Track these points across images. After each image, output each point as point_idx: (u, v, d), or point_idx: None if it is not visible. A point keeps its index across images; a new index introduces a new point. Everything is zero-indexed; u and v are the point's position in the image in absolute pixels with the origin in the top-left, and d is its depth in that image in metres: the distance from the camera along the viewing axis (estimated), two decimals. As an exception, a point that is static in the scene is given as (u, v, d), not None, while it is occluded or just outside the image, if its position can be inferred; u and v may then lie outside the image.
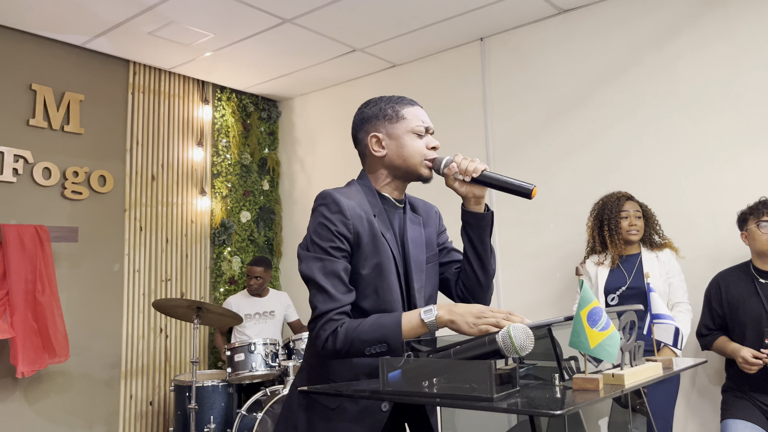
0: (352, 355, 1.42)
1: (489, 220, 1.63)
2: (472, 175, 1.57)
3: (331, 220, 1.51)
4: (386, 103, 1.68)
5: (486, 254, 1.64)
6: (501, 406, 1.01)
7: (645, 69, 3.60)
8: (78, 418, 4.06)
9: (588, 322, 1.14)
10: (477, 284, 1.66)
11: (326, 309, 1.44)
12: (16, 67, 3.97)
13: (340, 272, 1.48)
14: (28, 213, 3.93)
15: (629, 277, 3.10)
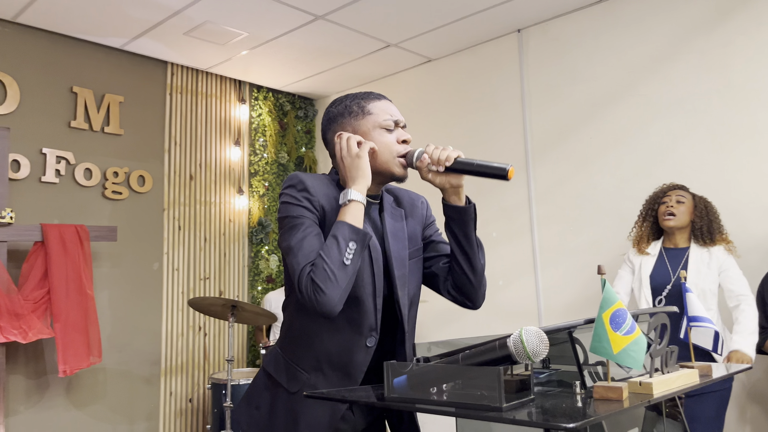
0: (341, 278, 1.37)
1: (471, 214, 1.55)
2: (445, 164, 1.49)
3: (296, 197, 1.49)
4: (351, 100, 1.61)
5: (472, 250, 1.56)
6: (510, 416, 0.93)
7: (693, 56, 3.42)
8: (120, 414, 4.12)
9: (611, 325, 1.04)
10: (467, 282, 1.58)
11: (302, 264, 1.40)
12: (58, 70, 4.05)
13: (312, 234, 1.45)
14: (70, 213, 4.01)
15: (674, 274, 2.91)
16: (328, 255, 1.38)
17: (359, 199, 1.46)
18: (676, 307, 1.33)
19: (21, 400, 3.70)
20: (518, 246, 4.06)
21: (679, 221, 2.92)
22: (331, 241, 1.41)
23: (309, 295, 1.36)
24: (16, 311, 3.36)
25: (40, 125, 3.94)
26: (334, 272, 1.37)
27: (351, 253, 1.40)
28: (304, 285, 1.37)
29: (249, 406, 1.59)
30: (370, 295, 1.50)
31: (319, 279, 1.36)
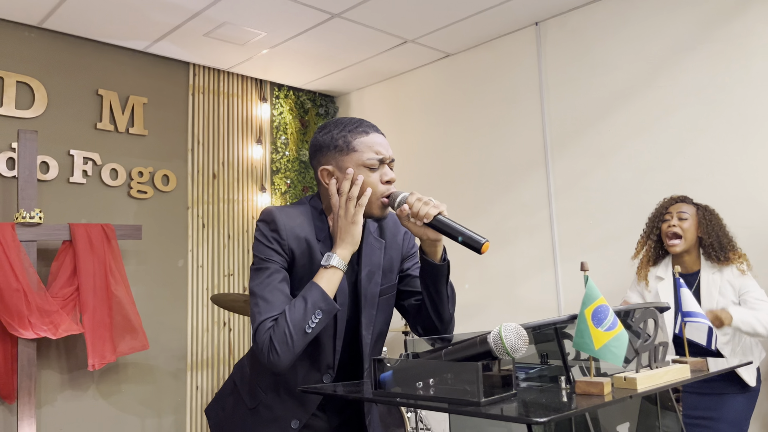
0: (298, 344, 1.38)
1: (444, 271, 1.53)
2: (423, 220, 1.46)
3: (267, 236, 1.50)
4: (339, 131, 1.56)
5: (442, 303, 1.55)
6: (488, 411, 0.95)
7: (713, 46, 3.35)
8: (148, 408, 4.24)
9: (593, 321, 1.05)
10: (433, 328, 1.58)
11: (263, 317, 1.41)
12: (84, 73, 4.17)
13: (277, 281, 1.46)
14: (97, 212, 4.13)
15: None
16: (292, 318, 1.38)
17: (340, 267, 1.45)
18: (667, 302, 1.33)
19: (54, 394, 3.84)
20: (538, 240, 4.04)
21: (686, 243, 2.76)
22: (299, 302, 1.40)
23: (263, 351, 1.38)
24: (45, 308, 3.48)
25: (67, 127, 4.06)
26: (293, 338, 1.37)
27: (315, 322, 1.40)
28: (261, 340, 1.38)
29: (217, 405, 1.66)
30: (331, 337, 1.52)
31: (277, 341, 1.37)
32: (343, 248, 1.46)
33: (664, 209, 2.89)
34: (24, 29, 3.94)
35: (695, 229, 2.78)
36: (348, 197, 1.48)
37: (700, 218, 2.79)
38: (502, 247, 4.20)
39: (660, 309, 1.33)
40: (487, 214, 4.31)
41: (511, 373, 1.06)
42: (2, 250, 3.41)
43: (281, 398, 1.53)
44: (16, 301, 3.38)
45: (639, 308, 1.20)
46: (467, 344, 1.08)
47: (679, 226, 2.76)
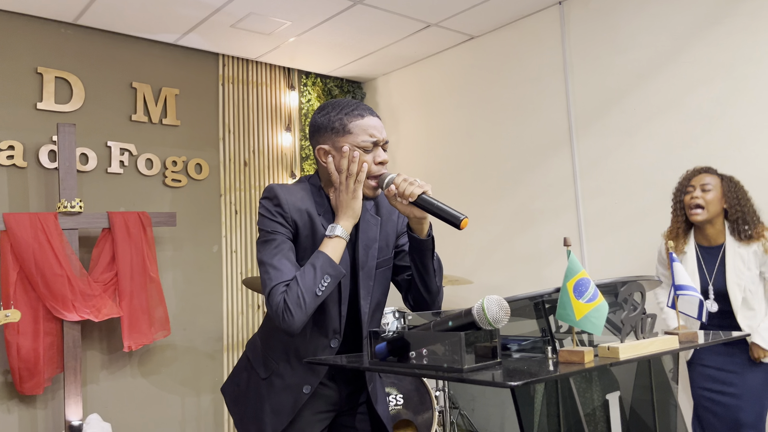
0: (310, 306, 1.48)
1: (429, 246, 1.62)
2: (408, 199, 1.56)
3: (270, 211, 1.59)
4: (336, 113, 1.65)
5: (428, 276, 1.64)
6: (470, 377, 1.01)
7: (738, 20, 3.29)
8: (187, 387, 4.42)
9: (574, 293, 1.11)
10: (422, 300, 1.67)
11: (275, 282, 1.50)
12: (118, 67, 4.33)
13: (285, 250, 1.55)
14: (134, 201, 4.30)
15: (711, 276, 2.71)
16: (303, 281, 1.49)
17: (344, 236, 1.56)
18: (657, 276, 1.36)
19: (97, 373, 4.05)
20: (564, 220, 4.05)
21: (709, 213, 2.72)
22: (308, 268, 1.51)
23: (277, 313, 1.48)
24: (87, 292, 3.66)
25: (104, 120, 4.23)
26: (306, 300, 1.48)
27: (324, 286, 1.50)
28: (276, 303, 1.49)
29: (232, 382, 1.77)
30: (336, 302, 1.62)
31: (291, 303, 1.47)
32: (345, 220, 1.57)
33: (687, 181, 2.86)
34: (60, 26, 4.11)
35: (719, 200, 2.74)
36: (348, 174, 1.58)
37: (724, 189, 2.75)
38: (528, 228, 4.22)
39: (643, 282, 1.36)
40: (513, 196, 4.33)
41: (495, 344, 1.13)
42: (46, 239, 3.60)
43: (292, 366, 1.62)
44: (60, 286, 3.58)
45: (626, 281, 1.24)
46: (454, 316, 1.15)
47: (702, 197, 2.73)
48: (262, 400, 1.62)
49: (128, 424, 4.13)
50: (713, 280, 2.70)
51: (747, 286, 2.63)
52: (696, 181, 2.81)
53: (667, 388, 1.38)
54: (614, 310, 1.32)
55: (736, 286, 2.62)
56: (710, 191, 2.74)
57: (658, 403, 1.38)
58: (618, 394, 1.28)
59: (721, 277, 2.67)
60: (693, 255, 2.77)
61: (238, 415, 1.70)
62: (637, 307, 1.21)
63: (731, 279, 2.63)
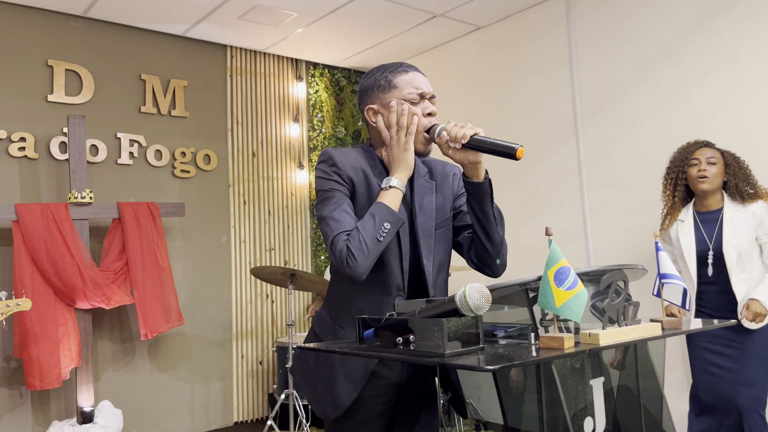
0: (372, 251, 1.51)
1: (486, 189, 1.61)
2: (461, 141, 1.56)
3: (326, 171, 1.63)
4: (381, 73, 1.69)
5: (489, 223, 1.63)
6: (451, 361, 1.04)
7: (742, 10, 3.27)
8: (197, 375, 4.50)
9: (555, 281, 1.13)
10: (485, 252, 1.66)
11: (337, 232, 1.54)
12: (127, 59, 4.38)
13: (343, 205, 1.59)
14: (144, 192, 4.37)
15: (710, 240, 2.82)
16: (364, 229, 1.52)
17: (399, 187, 1.59)
18: (641, 265, 1.38)
19: (108, 363, 4.13)
20: (569, 210, 4.05)
21: (713, 183, 2.85)
22: (368, 217, 1.54)
23: (342, 260, 1.51)
24: (97, 281, 3.73)
25: (113, 112, 4.29)
26: (368, 244, 1.51)
27: (385, 232, 1.53)
28: (339, 249, 1.52)
29: (301, 361, 1.77)
30: (396, 257, 1.63)
31: (354, 248, 1.50)
32: (399, 172, 1.60)
33: (689, 154, 2.94)
34: (70, 19, 4.17)
35: (721, 173, 2.87)
36: (398, 127, 1.61)
37: (727, 161, 2.88)
38: (533, 218, 4.24)
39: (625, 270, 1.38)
40: (518, 185, 4.34)
41: (479, 331, 1.16)
42: (57, 229, 3.67)
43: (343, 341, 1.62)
44: (71, 275, 3.65)
45: (608, 269, 1.26)
46: (437, 304, 1.18)
47: (708, 170, 2.85)
48: (333, 370, 1.62)
49: (139, 411, 4.22)
50: (713, 243, 2.82)
51: (742, 246, 2.74)
52: (700, 154, 2.90)
53: (653, 377, 1.40)
54: (601, 298, 1.35)
55: (731, 247, 2.74)
56: (715, 164, 2.86)
57: (643, 390, 1.40)
58: (602, 380, 1.31)
59: (719, 239, 2.80)
60: (691, 222, 2.90)
61: (311, 391, 1.70)
62: (620, 294, 1.23)
63: (727, 240, 2.75)
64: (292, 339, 4.05)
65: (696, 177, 2.87)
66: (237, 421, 4.66)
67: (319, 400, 1.65)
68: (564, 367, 1.25)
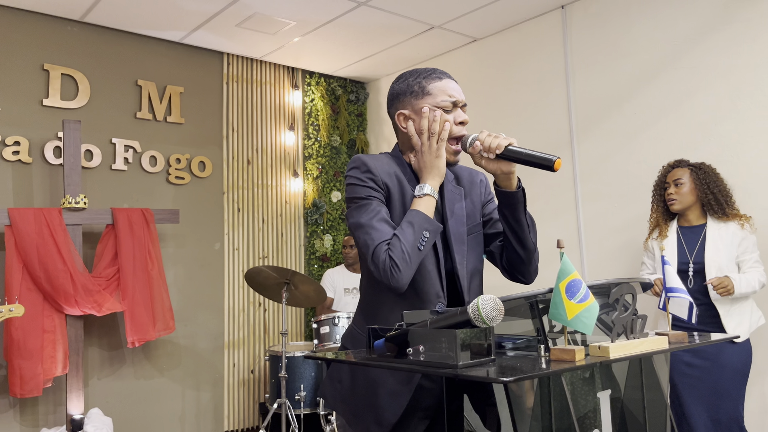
0: (414, 260, 1.49)
1: (520, 198, 1.60)
2: (495, 152, 1.55)
3: (361, 178, 1.60)
4: (414, 78, 1.67)
5: (522, 231, 1.62)
6: (464, 373, 1.05)
7: (737, 27, 3.32)
8: (187, 383, 4.46)
9: (566, 293, 1.14)
10: (518, 259, 1.66)
11: (378, 241, 1.51)
12: (124, 65, 4.37)
13: (381, 212, 1.56)
14: (137, 198, 4.34)
15: (691, 253, 2.93)
16: (405, 238, 1.50)
17: (433, 194, 1.57)
18: (649, 279, 1.40)
19: (97, 370, 4.09)
20: (563, 222, 4.08)
21: (683, 203, 2.99)
22: (407, 225, 1.52)
23: (385, 270, 1.48)
24: (89, 288, 3.70)
25: (109, 117, 4.27)
26: (410, 254, 1.49)
27: (425, 240, 1.51)
28: (382, 260, 1.49)
29: (332, 381, 1.69)
30: (434, 264, 1.60)
31: (397, 258, 1.48)
32: (432, 179, 1.58)
33: (663, 177, 3.11)
34: (67, 24, 4.15)
35: (691, 191, 3.00)
36: (430, 133, 1.59)
37: (694, 180, 3.00)
38: (527, 229, 4.25)
39: (643, 286, 1.40)
40: (513, 198, 4.36)
41: (490, 342, 1.16)
42: (50, 234, 3.64)
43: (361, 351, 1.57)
44: (62, 281, 3.62)
45: (618, 282, 1.27)
46: (450, 314, 1.19)
47: (676, 192, 3.00)
48: (374, 387, 1.56)
49: (129, 418, 4.17)
50: (694, 257, 2.92)
51: (722, 263, 2.85)
52: (670, 177, 3.06)
53: (658, 388, 1.41)
54: (607, 311, 1.36)
55: (712, 263, 2.85)
56: (682, 185, 3.00)
57: (648, 402, 1.41)
58: (609, 392, 1.32)
59: (701, 253, 2.91)
60: (674, 236, 3.02)
61: (349, 411, 1.63)
62: (628, 308, 1.24)
63: (709, 256, 2.87)
64: (285, 348, 4.03)
65: (666, 199, 3.05)
66: (228, 430, 4.62)
67: (360, 419, 1.58)
68: (572, 379, 1.25)
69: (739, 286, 2.76)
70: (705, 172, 2.99)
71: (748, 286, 2.78)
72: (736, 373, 2.76)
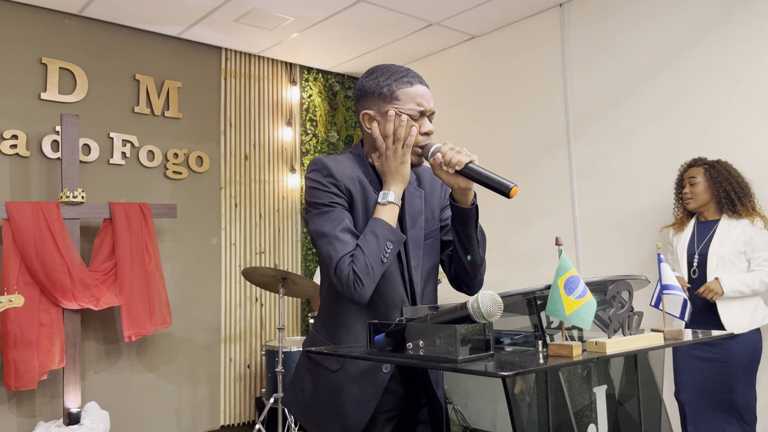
0: (377, 273, 1.47)
1: (473, 215, 1.59)
2: (455, 167, 1.51)
3: (323, 183, 1.56)
4: (385, 79, 1.61)
5: (471, 246, 1.61)
6: (464, 367, 1.06)
7: (734, 27, 3.34)
8: (184, 377, 4.48)
9: (565, 289, 1.16)
10: (464, 272, 1.65)
11: (341, 254, 1.48)
12: (122, 59, 4.36)
13: (344, 221, 1.53)
14: (135, 192, 4.35)
15: (698, 246, 3.02)
16: (368, 250, 1.47)
17: (397, 202, 1.55)
18: (644, 276, 1.42)
19: (94, 363, 4.09)
20: (559, 220, 4.10)
21: (697, 201, 3.07)
22: (370, 236, 1.49)
23: (348, 284, 1.46)
24: (86, 282, 3.71)
25: (107, 111, 4.27)
26: (373, 268, 1.46)
27: (388, 252, 1.49)
28: (345, 274, 1.46)
29: (294, 389, 1.66)
30: (398, 270, 1.59)
31: (361, 272, 1.45)
32: (395, 185, 1.56)
33: (680, 176, 3.21)
34: (65, 17, 4.15)
35: (706, 189, 3.07)
36: (395, 138, 1.55)
37: (707, 178, 3.07)
38: (524, 226, 4.28)
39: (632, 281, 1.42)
40: (510, 195, 4.38)
41: (488, 337, 1.18)
42: (47, 228, 3.64)
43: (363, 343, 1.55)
44: (60, 275, 3.62)
45: (614, 279, 1.29)
46: (450, 309, 1.20)
47: (691, 191, 3.09)
48: (338, 395, 1.54)
49: (125, 412, 4.19)
50: (699, 249, 3.02)
51: (725, 254, 2.91)
52: (686, 176, 3.15)
53: (653, 385, 1.44)
54: (604, 307, 1.38)
55: (714, 254, 2.93)
56: (696, 184, 3.08)
57: (643, 398, 1.43)
58: (605, 388, 1.34)
59: (706, 246, 3.00)
60: (690, 230, 3.12)
61: (312, 420, 1.60)
62: (625, 304, 1.26)
63: (713, 247, 2.95)
64: (282, 343, 4.05)
65: (685, 198, 3.13)
66: (224, 424, 4.64)
67: (323, 428, 1.57)
68: (569, 375, 1.27)
69: (730, 286, 2.81)
70: (718, 170, 3.06)
71: (743, 285, 2.82)
72: (744, 364, 2.83)
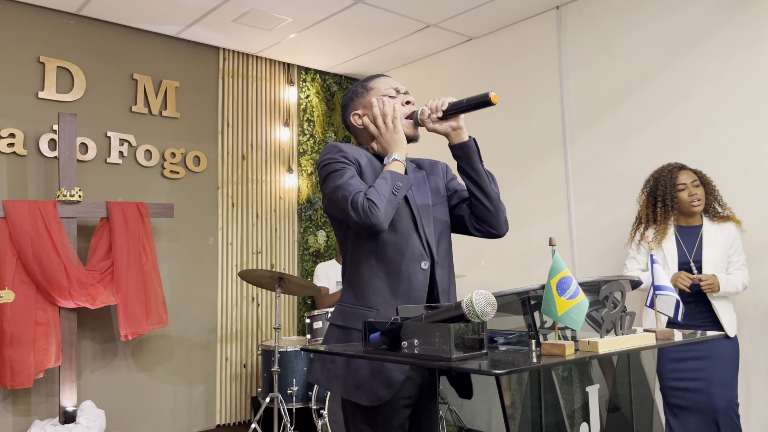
0: (390, 202, 1.62)
1: (473, 147, 1.76)
2: (441, 109, 1.71)
3: (334, 156, 1.73)
4: (357, 85, 1.86)
5: (482, 179, 1.76)
6: (458, 365, 1.08)
7: (729, 31, 3.37)
8: (179, 377, 4.48)
9: (557, 290, 1.17)
10: (485, 211, 1.76)
11: (355, 191, 1.62)
12: (120, 59, 4.37)
13: (356, 176, 1.69)
14: (132, 191, 4.35)
15: (690, 252, 3.02)
16: (380, 188, 1.63)
17: (401, 159, 1.72)
18: (637, 276, 1.43)
19: (90, 362, 4.10)
20: (555, 222, 4.12)
21: (703, 204, 3.04)
22: (380, 180, 1.65)
23: (364, 210, 1.59)
24: (83, 281, 3.71)
25: (104, 110, 4.28)
26: (386, 196, 1.61)
27: (398, 188, 1.65)
28: (360, 203, 1.60)
29: (324, 362, 1.71)
30: (412, 227, 1.72)
31: (374, 198, 1.59)
32: (397, 150, 1.73)
33: (672, 180, 3.06)
34: (63, 16, 4.15)
35: (704, 192, 3.08)
36: (383, 114, 1.75)
37: (703, 182, 3.09)
38: (520, 228, 4.30)
39: (633, 284, 1.43)
40: (506, 196, 4.39)
41: (483, 336, 1.19)
42: (44, 226, 3.65)
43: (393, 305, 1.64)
44: (56, 274, 3.62)
45: (607, 280, 1.31)
46: (445, 309, 1.22)
47: (699, 194, 3.03)
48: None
49: (121, 411, 4.19)
50: (693, 256, 3.01)
51: (718, 262, 2.95)
52: (684, 178, 3.05)
53: (645, 384, 1.45)
54: (597, 307, 1.39)
55: (710, 262, 2.96)
56: (699, 186, 3.05)
57: (635, 398, 1.45)
58: (597, 387, 1.35)
59: (699, 253, 3.00)
60: (672, 237, 3.06)
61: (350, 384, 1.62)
62: (617, 305, 1.28)
63: (707, 255, 2.97)
64: (278, 342, 4.06)
65: (689, 201, 3.02)
66: (219, 424, 4.65)
67: (366, 386, 1.60)
68: (562, 374, 1.29)
69: (725, 285, 2.86)
70: (707, 177, 3.09)
71: (732, 287, 2.88)
72: (731, 362, 2.87)
